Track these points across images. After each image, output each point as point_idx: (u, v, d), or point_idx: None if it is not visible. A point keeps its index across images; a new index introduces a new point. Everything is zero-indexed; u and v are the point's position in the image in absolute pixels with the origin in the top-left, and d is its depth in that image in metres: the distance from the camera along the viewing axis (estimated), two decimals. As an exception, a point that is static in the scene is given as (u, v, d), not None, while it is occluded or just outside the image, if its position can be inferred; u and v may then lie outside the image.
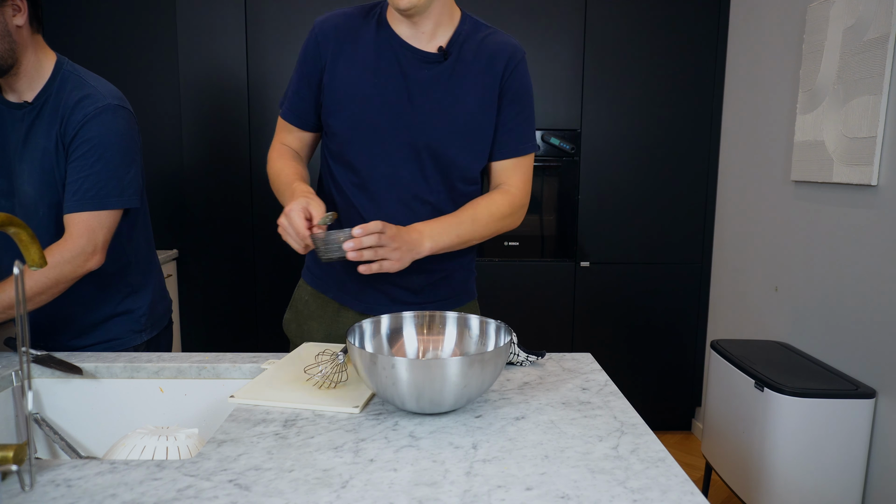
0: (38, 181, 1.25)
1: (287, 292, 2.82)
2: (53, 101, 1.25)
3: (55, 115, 1.24)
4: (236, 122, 2.71)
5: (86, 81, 1.27)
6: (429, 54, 1.16)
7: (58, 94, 1.25)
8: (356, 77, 1.16)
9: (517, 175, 1.24)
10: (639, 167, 2.77)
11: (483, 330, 1.03)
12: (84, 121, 1.22)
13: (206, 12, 2.65)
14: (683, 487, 0.71)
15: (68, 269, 1.20)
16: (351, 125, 1.18)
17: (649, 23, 2.68)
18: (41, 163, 1.24)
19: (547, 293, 2.82)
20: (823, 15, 1.98)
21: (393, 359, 0.83)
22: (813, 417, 1.74)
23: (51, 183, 1.25)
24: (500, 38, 1.20)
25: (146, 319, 1.39)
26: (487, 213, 1.19)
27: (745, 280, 2.53)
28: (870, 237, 1.80)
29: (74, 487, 0.71)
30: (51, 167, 1.24)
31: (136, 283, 1.38)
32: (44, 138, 1.24)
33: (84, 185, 1.23)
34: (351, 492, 0.70)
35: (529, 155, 1.25)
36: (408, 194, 1.19)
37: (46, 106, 1.25)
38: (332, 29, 1.18)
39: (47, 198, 1.26)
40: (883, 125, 1.73)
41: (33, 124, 1.26)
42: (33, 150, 1.25)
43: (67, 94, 1.24)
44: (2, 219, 0.74)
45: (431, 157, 1.18)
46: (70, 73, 1.27)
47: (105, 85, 1.29)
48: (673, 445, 2.80)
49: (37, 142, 1.25)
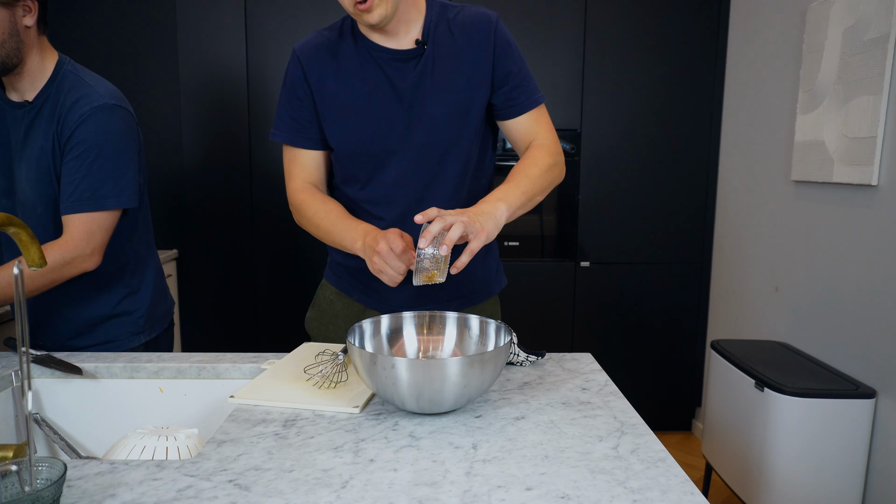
0: (36, 180, 1.25)
1: (287, 292, 2.82)
2: (52, 100, 1.25)
3: (53, 115, 1.24)
4: (236, 121, 2.71)
5: (84, 81, 1.26)
6: (408, 51, 1.16)
7: (56, 93, 1.25)
8: (345, 92, 1.17)
9: (539, 127, 1.24)
10: (639, 167, 2.77)
11: (483, 330, 1.03)
12: (80, 121, 1.22)
13: (206, 12, 2.65)
14: (683, 487, 0.71)
15: (66, 270, 1.21)
16: (351, 139, 1.18)
17: (649, 23, 2.68)
18: (38, 161, 1.24)
19: (547, 293, 2.82)
20: (823, 15, 1.98)
21: (393, 359, 0.83)
22: (813, 417, 1.74)
23: (48, 181, 1.25)
24: (469, 12, 1.20)
25: (144, 321, 1.38)
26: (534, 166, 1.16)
27: (745, 280, 2.53)
28: (870, 237, 1.80)
29: (74, 487, 0.71)
30: (48, 166, 1.24)
31: (135, 284, 1.38)
32: (41, 137, 1.24)
33: (80, 185, 1.22)
34: (351, 492, 0.70)
35: (541, 105, 1.24)
36: (420, 194, 1.20)
37: (46, 105, 1.25)
38: (313, 50, 1.18)
39: (45, 196, 1.26)
40: (883, 125, 1.73)
41: (32, 123, 1.26)
42: (31, 148, 1.25)
43: (65, 94, 1.24)
44: (1, 219, 0.74)
45: (437, 149, 1.18)
46: (69, 72, 1.27)
47: (103, 84, 1.28)
48: (673, 445, 2.80)
49: (35, 141, 1.25)
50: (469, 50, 1.17)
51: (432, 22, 1.17)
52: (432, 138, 1.18)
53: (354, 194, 1.23)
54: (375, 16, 1.06)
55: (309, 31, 2.63)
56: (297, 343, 1.28)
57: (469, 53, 1.17)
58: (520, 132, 1.24)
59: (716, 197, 2.80)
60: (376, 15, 1.06)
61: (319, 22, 2.63)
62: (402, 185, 1.20)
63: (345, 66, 1.17)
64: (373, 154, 1.18)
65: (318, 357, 1.09)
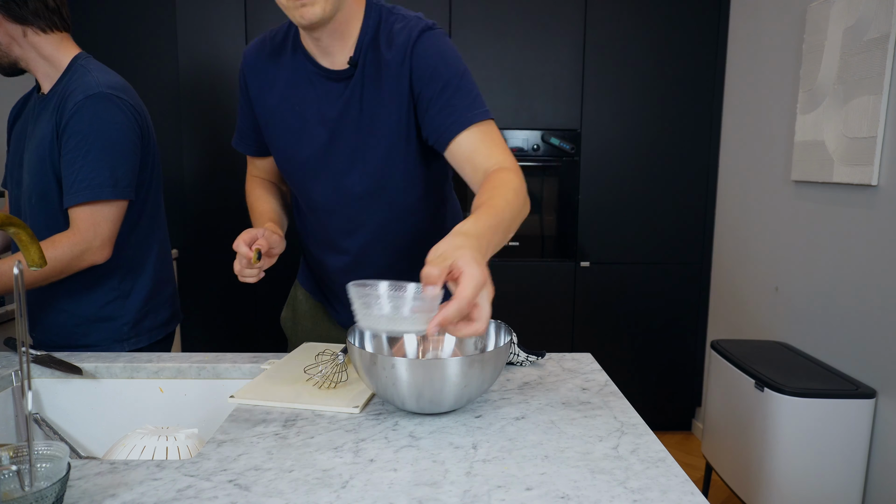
0: (35, 170, 1.24)
1: (287, 292, 2.81)
2: (59, 93, 1.25)
3: (55, 106, 1.24)
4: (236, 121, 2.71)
5: (88, 71, 1.25)
6: (339, 72, 1.04)
7: (66, 86, 1.25)
8: (279, 110, 1.10)
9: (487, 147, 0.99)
10: (639, 167, 2.77)
11: None
12: (75, 109, 1.20)
13: (206, 11, 2.65)
14: (683, 487, 0.71)
15: (75, 263, 1.20)
16: (284, 159, 1.14)
17: (649, 23, 2.68)
18: (38, 150, 1.24)
19: (547, 293, 2.82)
20: (823, 15, 1.98)
21: (393, 359, 0.83)
22: (813, 417, 1.74)
23: (42, 171, 1.23)
24: (399, 24, 1.04)
25: (129, 329, 1.31)
26: (503, 202, 0.90)
27: (745, 280, 2.53)
28: (870, 237, 1.80)
29: (74, 487, 0.71)
30: (44, 155, 1.23)
31: (126, 288, 1.31)
32: (45, 126, 1.24)
33: (79, 175, 1.20)
34: (351, 492, 0.70)
35: (487, 122, 1.01)
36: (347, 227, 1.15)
37: (54, 97, 1.26)
38: (255, 58, 1.12)
39: (39, 186, 1.24)
40: (883, 125, 1.73)
41: (40, 114, 1.27)
42: (34, 138, 1.26)
43: (69, 86, 1.24)
44: (1, 218, 0.74)
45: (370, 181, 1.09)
46: (80, 66, 1.27)
47: (106, 75, 1.27)
48: (673, 445, 2.80)
49: (40, 130, 1.25)
50: (391, 72, 1.02)
51: (367, 36, 1.03)
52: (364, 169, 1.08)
53: (305, 209, 1.21)
54: (310, 13, 0.93)
55: (309, 31, 2.65)
56: (297, 343, 1.28)
57: (391, 78, 1.02)
58: (462, 156, 1.00)
59: (716, 197, 2.80)
60: (313, 12, 0.93)
61: (319, 22, 2.63)
62: (330, 213, 1.15)
63: (281, 81, 1.09)
64: (301, 174, 1.13)
65: (318, 357, 1.09)
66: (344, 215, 1.14)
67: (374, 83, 1.03)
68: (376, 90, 1.03)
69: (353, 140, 1.07)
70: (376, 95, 1.04)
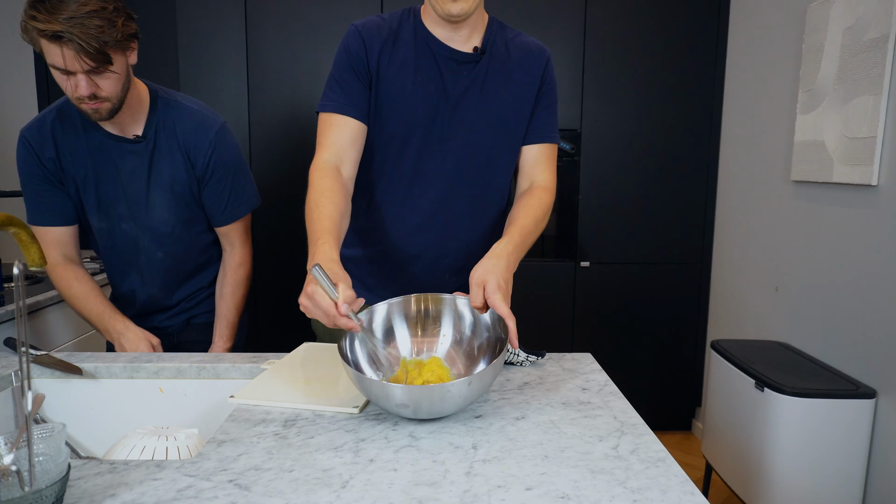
0: (173, 204, 1.38)
1: (287, 292, 2.82)
2: (165, 131, 1.33)
3: (175, 146, 1.33)
4: (236, 122, 2.71)
5: (187, 106, 1.36)
6: (465, 54, 1.19)
7: (165, 123, 1.33)
8: (399, 76, 1.18)
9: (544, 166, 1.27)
10: (639, 167, 2.77)
11: (476, 316, 1.02)
12: (210, 149, 1.35)
13: (206, 12, 2.65)
14: (683, 487, 0.71)
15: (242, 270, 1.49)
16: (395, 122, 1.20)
17: (649, 23, 2.68)
18: (172, 189, 1.36)
19: (547, 293, 2.82)
20: (823, 15, 1.98)
21: (387, 386, 0.82)
22: (813, 417, 1.74)
23: (185, 205, 1.39)
24: (527, 38, 1.27)
25: None
26: (533, 223, 1.16)
27: (745, 280, 2.53)
28: (870, 237, 1.80)
29: (74, 487, 0.71)
30: (183, 192, 1.38)
31: None
32: (169, 167, 1.35)
33: (231, 200, 1.42)
34: (351, 492, 0.70)
35: (554, 145, 1.29)
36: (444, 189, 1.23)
37: (160, 137, 1.33)
38: (375, 28, 1.20)
39: (183, 216, 1.40)
40: (883, 125, 1.73)
41: (153, 156, 1.33)
42: (160, 178, 1.35)
43: (178, 124, 1.33)
44: (1, 218, 0.74)
45: (469, 153, 1.22)
46: (166, 100, 1.35)
47: (199, 104, 1.39)
48: (673, 445, 2.80)
49: (162, 171, 1.35)
50: (521, 72, 1.22)
51: (492, 36, 1.22)
52: (469, 142, 1.21)
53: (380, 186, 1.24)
54: (460, 6, 1.09)
55: (309, 32, 2.65)
56: (297, 343, 1.28)
57: (520, 75, 1.22)
58: (526, 161, 1.27)
59: (716, 197, 2.80)
60: (461, 6, 1.09)
61: (320, 22, 2.63)
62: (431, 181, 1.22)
63: (402, 51, 1.19)
64: (409, 144, 1.20)
65: None
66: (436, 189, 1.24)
67: (501, 71, 1.22)
68: (502, 76, 1.22)
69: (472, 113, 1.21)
70: (500, 80, 1.22)
